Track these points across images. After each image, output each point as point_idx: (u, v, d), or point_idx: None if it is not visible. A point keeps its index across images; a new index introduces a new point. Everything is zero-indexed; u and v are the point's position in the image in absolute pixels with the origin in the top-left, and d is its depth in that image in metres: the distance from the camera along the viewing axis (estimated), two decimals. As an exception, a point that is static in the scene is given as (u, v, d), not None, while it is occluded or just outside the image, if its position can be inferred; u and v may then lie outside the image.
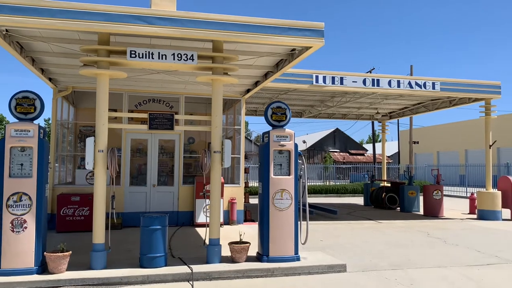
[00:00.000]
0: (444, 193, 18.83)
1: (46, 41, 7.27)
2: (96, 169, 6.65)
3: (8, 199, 6.21)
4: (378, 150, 48.53)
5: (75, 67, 8.66)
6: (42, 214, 6.42)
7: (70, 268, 6.40)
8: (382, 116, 19.60)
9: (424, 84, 13.12)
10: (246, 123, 67.69)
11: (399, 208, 16.96)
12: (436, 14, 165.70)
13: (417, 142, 37.99)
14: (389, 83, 12.87)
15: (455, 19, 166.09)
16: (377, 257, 8.14)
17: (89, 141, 6.66)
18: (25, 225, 6.23)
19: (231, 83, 8.74)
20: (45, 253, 6.33)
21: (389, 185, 18.34)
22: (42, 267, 6.34)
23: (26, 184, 6.30)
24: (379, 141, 54.39)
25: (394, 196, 17.24)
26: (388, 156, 53.17)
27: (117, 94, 11.15)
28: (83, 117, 12.84)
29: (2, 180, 6.24)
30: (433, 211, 15.07)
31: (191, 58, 6.87)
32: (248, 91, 11.74)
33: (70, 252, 6.43)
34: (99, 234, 6.62)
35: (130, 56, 6.64)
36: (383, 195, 17.43)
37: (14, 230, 6.19)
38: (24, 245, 6.20)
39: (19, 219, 6.22)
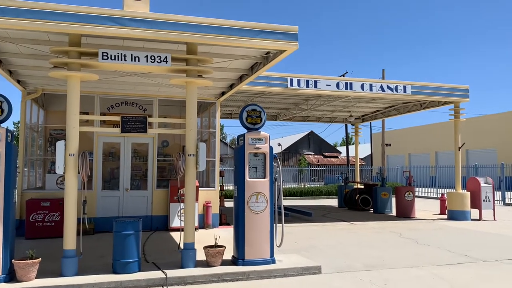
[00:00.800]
0: (416, 194, 19.30)
1: (14, 42, 7.06)
2: (67, 173, 6.49)
3: (-27, 205, 5.98)
4: (352, 153, 49.20)
5: (44, 69, 8.44)
6: (10, 220, 6.20)
7: (39, 275, 6.20)
8: (355, 119, 19.89)
9: (396, 88, 13.39)
10: (221, 126, 67.52)
11: (372, 209, 17.22)
12: (408, 18, 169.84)
13: (389, 145, 38.74)
14: (362, 86, 13.07)
15: (429, 23, 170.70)
16: (351, 258, 8.23)
17: (60, 144, 6.49)
18: (-9, 232, 6.01)
19: (205, 86, 8.69)
20: (13, 260, 6.12)
21: (362, 187, 18.61)
22: (10, 275, 6.12)
23: (-7, 190, 6.07)
24: (353, 144, 55.17)
25: (367, 197, 17.51)
26: (361, 158, 54.04)
27: (88, 96, 10.91)
28: (54, 120, 12.51)
29: (-33, 185, 6.01)
30: (405, 212, 15.37)
31: (165, 60, 6.80)
32: (223, 94, 11.71)
33: (40, 259, 6.24)
34: (70, 240, 6.45)
35: (102, 58, 6.52)
36: (357, 197, 17.67)
37: (-20, 237, 5.96)
38: (-10, 252, 5.98)
39: (-15, 226, 5.99)
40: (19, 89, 10.59)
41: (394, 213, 16.32)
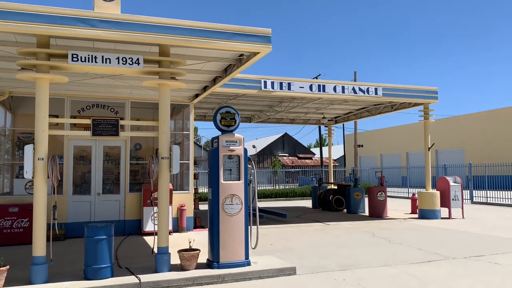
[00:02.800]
0: (388, 194, 19.68)
1: (-21, 43, 6.82)
2: (36, 178, 6.31)
3: None
4: (326, 154, 49.77)
5: (11, 70, 8.19)
6: (-25, 228, 5.99)
7: (7, 283, 6.01)
8: (328, 120, 20.14)
9: (367, 90, 13.63)
10: (196, 129, 67.10)
11: (346, 209, 17.45)
12: (377, 18, 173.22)
13: (362, 146, 39.38)
14: (334, 88, 13.25)
15: (398, 23, 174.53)
16: (325, 258, 8.32)
17: (28, 148, 6.30)
18: (-45, 240, 5.79)
19: (178, 88, 8.63)
20: (-22, 269, 5.91)
21: (336, 187, 18.83)
22: (-24, 285, 5.91)
23: (-43, 196, 5.85)
24: (326, 145, 55.83)
25: (340, 198, 17.73)
26: (335, 160, 54.69)
27: (58, 99, 10.66)
28: (22, 123, 12.15)
29: None
30: (377, 212, 15.64)
31: (137, 62, 6.70)
32: (196, 96, 11.65)
33: (8, 266, 6.05)
34: (39, 246, 6.27)
35: (72, 60, 6.37)
36: (330, 198, 17.87)
37: None
38: (-46, 261, 5.75)
39: None
40: (-16, 92, 10.24)
41: (367, 213, 16.59)
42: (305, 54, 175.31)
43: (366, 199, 16.99)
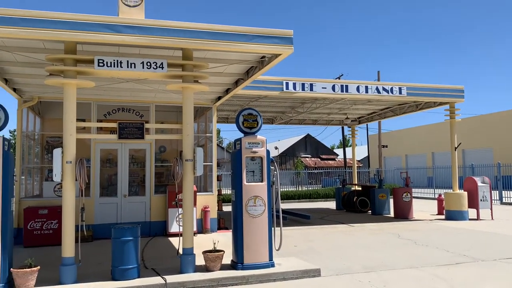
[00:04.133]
0: (413, 195, 19.34)
1: (10, 51, 7.06)
2: (65, 181, 6.48)
3: (-29, 214, 5.97)
4: (349, 155, 49.27)
5: (40, 76, 8.45)
6: (8, 229, 6.19)
7: (38, 284, 6.19)
8: (352, 121, 19.95)
9: (391, 89, 13.45)
10: (218, 131, 67.52)
11: (370, 211, 17.25)
12: (404, 19, 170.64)
13: (386, 146, 38.84)
14: (358, 88, 13.14)
15: (424, 24, 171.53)
16: (350, 260, 8.25)
17: (57, 152, 6.48)
18: (-11, 241, 5.99)
19: (201, 91, 8.72)
20: (11, 269, 6.11)
21: (360, 189, 18.64)
22: (9, 284, 6.10)
23: (-10, 199, 6.06)
24: (350, 146, 55.30)
25: (365, 199, 17.54)
26: (359, 160, 54.15)
27: (85, 103, 10.92)
28: (50, 127, 12.50)
29: (-36, 195, 6.00)
30: (403, 213, 15.40)
31: (161, 66, 6.82)
32: (219, 98, 11.74)
33: (39, 267, 6.22)
34: (68, 247, 6.44)
35: (98, 65, 6.53)
36: (355, 199, 17.69)
37: (-22, 246, 5.95)
38: (-12, 262, 5.96)
39: (-17, 235, 5.97)
40: (15, 97, 10.58)
41: (392, 214, 16.35)
42: (325, 55, 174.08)
43: (391, 201, 16.77)
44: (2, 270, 6.03)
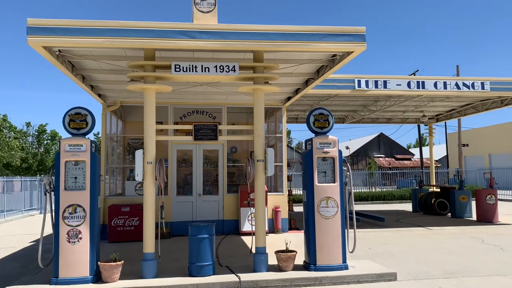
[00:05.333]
0: (498, 197, 17.94)
1: (95, 59, 7.63)
2: (145, 180, 6.86)
3: (64, 211, 6.52)
4: (426, 154, 46.99)
5: (122, 82, 9.02)
6: (96, 225, 6.69)
7: (122, 277, 6.61)
8: (429, 119, 19.02)
9: (472, 85, 12.62)
10: (288, 131, 67.54)
11: (450, 214, 16.30)
12: (484, 14, 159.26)
13: (467, 145, 36.48)
14: (435, 85, 12.48)
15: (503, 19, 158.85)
16: (428, 265, 7.86)
17: (138, 153, 6.90)
18: (80, 235, 6.51)
19: (272, 92, 8.79)
20: (99, 262, 6.58)
21: (438, 190, 17.70)
22: (97, 276, 6.58)
23: (80, 196, 6.59)
24: (427, 145, 52.66)
25: (444, 201, 16.61)
26: (436, 160, 51.34)
27: (162, 107, 11.48)
28: (131, 130, 13.32)
29: (59, 193, 6.57)
30: (487, 217, 14.37)
31: (233, 69, 6.98)
32: (288, 98, 11.76)
33: (122, 261, 6.64)
34: (149, 243, 6.81)
35: (175, 70, 6.84)
36: (433, 201, 16.83)
37: (70, 240, 6.49)
38: (79, 255, 6.48)
39: (74, 230, 6.51)
40: (99, 102, 11.39)
41: (474, 217, 15.31)
42: (399, 50, 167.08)
43: (473, 203, 15.71)
44: (91, 263, 6.52)
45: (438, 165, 48.65)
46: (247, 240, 10.37)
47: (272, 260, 7.21)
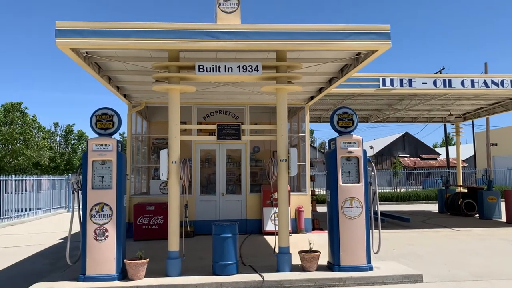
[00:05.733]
0: (530, 199, 17.36)
1: (121, 60, 7.76)
2: (170, 179, 6.95)
3: (91, 209, 6.67)
4: (453, 154, 45.91)
5: (147, 83, 9.15)
6: (122, 223, 6.81)
7: (147, 275, 6.71)
8: (456, 118, 18.60)
9: (502, 82, 12.28)
10: (311, 131, 67.20)
11: (477, 215, 15.90)
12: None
13: (496, 144, 35.52)
14: (462, 83, 12.20)
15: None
16: (455, 267, 7.69)
17: (163, 153, 6.99)
18: (106, 233, 6.65)
19: (295, 91, 8.76)
20: (125, 260, 6.70)
21: (465, 190, 17.29)
22: (123, 274, 6.70)
23: (107, 195, 6.72)
24: (453, 145, 51.50)
25: (471, 202, 16.21)
26: (463, 160, 50.13)
27: (186, 107, 11.59)
28: (155, 130, 13.50)
29: (86, 191, 6.72)
30: (517, 218, 13.94)
31: (256, 69, 6.99)
32: (312, 98, 11.70)
33: (148, 259, 6.74)
34: (174, 242, 6.89)
35: (199, 71, 6.90)
36: (460, 202, 16.44)
37: (97, 238, 6.63)
38: (106, 252, 6.61)
39: (101, 228, 6.65)
40: (125, 103, 11.59)
41: (503, 219, 14.88)
42: (420, 48, 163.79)
43: (503, 204, 15.26)
44: (117, 260, 6.65)
45: (465, 165, 47.51)
46: (270, 239, 10.37)
47: (295, 260, 7.19)
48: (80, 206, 6.84)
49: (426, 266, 7.70)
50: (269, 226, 11.22)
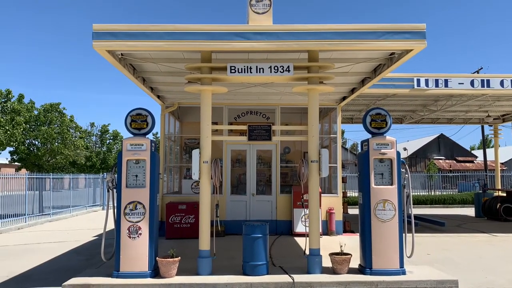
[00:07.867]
0: None
1: (155, 62, 7.92)
2: (202, 179, 7.03)
3: (125, 207, 6.82)
4: (490, 157, 44.32)
5: (180, 84, 9.29)
6: (154, 222, 6.94)
7: (179, 273, 6.80)
8: (494, 119, 17.96)
9: (544, 82, 11.76)
10: (342, 131, 66.31)
11: (517, 220, 15.31)
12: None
13: (537, 147, 34.02)
14: (502, 83, 11.78)
15: None
16: (493, 273, 7.43)
17: (195, 153, 7.08)
18: (139, 231, 6.79)
19: (327, 92, 8.69)
20: (157, 258, 6.81)
21: (504, 194, 16.66)
22: (155, 271, 6.82)
23: (141, 194, 6.87)
24: (491, 147, 49.70)
25: (511, 206, 15.61)
26: (502, 163, 48.31)
27: (217, 108, 11.69)
28: (187, 130, 13.70)
29: (120, 190, 6.88)
30: (560, 224, 13.33)
31: (287, 69, 6.97)
32: (343, 98, 11.56)
33: (179, 258, 6.83)
34: (205, 241, 6.96)
35: (230, 72, 6.95)
36: (498, 206, 15.87)
37: (131, 236, 6.78)
38: (139, 250, 6.75)
39: (134, 226, 6.79)
40: (158, 104, 11.81)
41: (545, 225, 14.27)
42: (461, 46, 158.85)
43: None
44: (150, 258, 6.77)
45: (504, 168, 45.79)
46: (300, 241, 10.32)
47: (326, 262, 7.11)
48: (115, 204, 7.01)
49: (461, 272, 7.47)
50: (299, 228, 11.16)
